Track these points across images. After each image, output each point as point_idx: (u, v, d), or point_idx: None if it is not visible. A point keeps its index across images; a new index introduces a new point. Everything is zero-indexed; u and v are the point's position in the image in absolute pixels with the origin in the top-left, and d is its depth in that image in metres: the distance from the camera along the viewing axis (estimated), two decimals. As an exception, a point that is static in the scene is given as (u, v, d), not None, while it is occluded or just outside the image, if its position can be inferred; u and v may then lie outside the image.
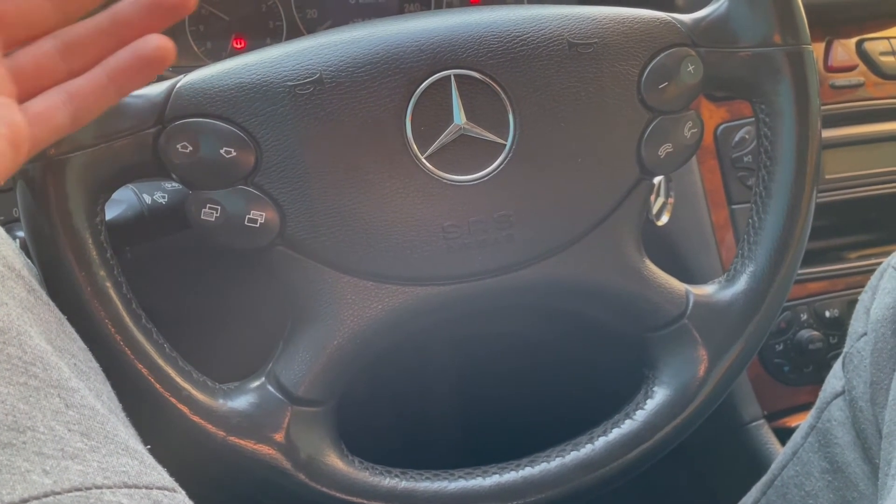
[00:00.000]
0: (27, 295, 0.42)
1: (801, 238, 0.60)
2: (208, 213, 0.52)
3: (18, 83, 0.40)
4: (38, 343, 0.39)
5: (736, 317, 0.60)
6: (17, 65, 0.40)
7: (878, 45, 0.93)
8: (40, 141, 0.40)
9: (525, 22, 0.56)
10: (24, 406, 0.36)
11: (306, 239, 0.54)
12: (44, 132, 0.40)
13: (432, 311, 0.56)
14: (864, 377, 0.58)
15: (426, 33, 0.55)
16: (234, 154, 0.52)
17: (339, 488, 0.56)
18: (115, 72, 0.41)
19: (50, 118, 0.40)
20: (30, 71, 0.40)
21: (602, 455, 0.59)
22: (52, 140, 0.41)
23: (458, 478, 0.58)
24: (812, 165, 0.60)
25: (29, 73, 0.40)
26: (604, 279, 0.58)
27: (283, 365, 0.55)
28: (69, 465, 0.35)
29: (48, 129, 0.40)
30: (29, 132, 0.39)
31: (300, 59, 0.53)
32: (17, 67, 0.40)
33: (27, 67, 0.40)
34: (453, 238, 0.55)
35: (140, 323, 0.52)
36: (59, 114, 0.40)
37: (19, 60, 0.40)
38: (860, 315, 0.61)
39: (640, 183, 0.58)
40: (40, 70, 0.41)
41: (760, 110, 0.60)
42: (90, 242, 0.51)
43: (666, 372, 0.61)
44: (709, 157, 0.86)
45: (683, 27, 0.58)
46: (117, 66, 0.41)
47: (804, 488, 0.63)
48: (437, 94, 0.54)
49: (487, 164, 0.55)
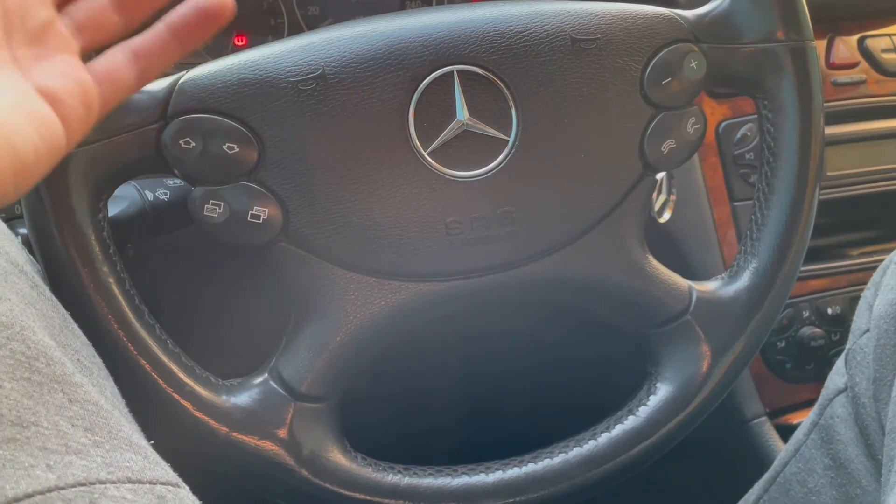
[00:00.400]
0: (31, 291, 0.42)
1: (804, 235, 0.60)
2: (211, 210, 0.52)
3: (77, 41, 0.39)
4: (41, 338, 0.39)
5: (738, 313, 0.60)
6: (73, 21, 0.39)
7: (880, 42, 0.93)
8: (109, 101, 0.39)
9: (528, 17, 0.56)
10: (28, 401, 0.36)
11: (309, 235, 0.54)
12: (111, 91, 0.39)
13: (435, 308, 0.56)
14: (867, 374, 0.58)
15: (428, 29, 0.55)
16: (236, 150, 0.52)
17: (342, 484, 0.56)
18: (178, 28, 0.40)
19: (117, 77, 0.39)
20: (87, 26, 0.39)
21: (605, 451, 0.59)
22: (119, 100, 0.40)
23: (462, 474, 0.58)
24: (815, 161, 0.59)
25: (86, 29, 0.39)
26: (606, 275, 0.58)
27: (286, 361, 0.55)
28: (73, 461, 0.35)
29: (115, 89, 0.39)
30: (98, 91, 0.38)
31: (303, 55, 0.53)
32: (74, 24, 0.39)
33: (83, 22, 0.39)
34: (456, 234, 0.55)
35: (143, 319, 0.52)
36: (125, 72, 0.39)
37: (75, 16, 0.39)
38: (863, 312, 0.61)
39: (642, 179, 0.58)
40: (97, 24, 0.39)
41: (763, 106, 0.60)
42: (93, 239, 0.51)
43: (669, 368, 0.61)
44: (711, 154, 0.86)
45: (686, 23, 0.58)
46: (180, 21, 0.39)
47: (807, 485, 0.63)
48: (439, 90, 0.54)
49: (490, 160, 0.55)
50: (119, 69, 0.39)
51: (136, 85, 0.40)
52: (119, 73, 0.39)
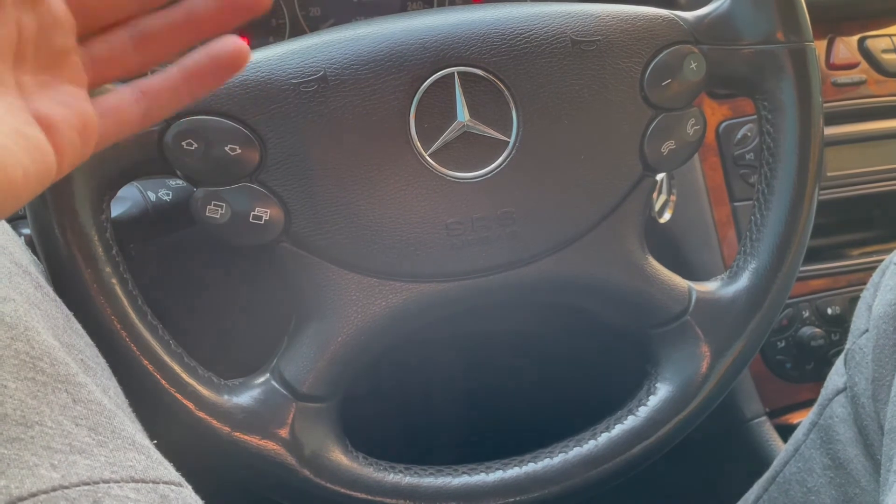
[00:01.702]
0: (34, 291, 0.43)
1: (804, 235, 0.60)
2: (213, 211, 0.53)
3: (90, 73, 0.39)
4: (45, 339, 0.39)
5: (738, 313, 0.60)
6: (91, 54, 0.39)
7: (880, 43, 0.93)
8: (109, 135, 0.39)
9: (528, 19, 0.56)
10: (32, 401, 0.36)
11: (310, 236, 0.54)
12: (113, 126, 0.39)
13: (435, 308, 0.56)
14: (866, 374, 0.58)
15: (429, 31, 0.55)
16: (238, 151, 0.52)
17: (343, 484, 0.56)
18: (190, 73, 0.39)
19: (121, 113, 0.39)
20: (103, 61, 0.39)
21: (605, 451, 0.60)
22: (120, 136, 0.40)
23: (462, 473, 0.58)
24: (814, 162, 0.60)
25: (102, 63, 0.39)
26: (607, 276, 0.58)
27: (288, 361, 0.55)
28: (77, 460, 0.36)
29: (117, 124, 0.39)
30: (99, 124, 0.38)
31: (305, 57, 0.54)
32: (91, 57, 0.39)
33: (101, 57, 0.39)
34: (457, 235, 0.55)
35: (146, 319, 0.52)
36: (130, 109, 0.39)
37: (94, 50, 0.39)
38: (862, 312, 0.61)
39: (642, 180, 0.58)
40: (114, 61, 0.39)
41: (763, 107, 0.60)
42: (96, 239, 0.51)
43: (668, 368, 0.61)
44: (711, 155, 0.86)
45: (686, 24, 0.58)
46: (193, 66, 0.39)
47: (806, 485, 0.64)
48: (440, 92, 0.54)
49: (491, 162, 0.55)
50: (125, 106, 0.39)
51: (139, 123, 0.40)
52: (124, 109, 0.39)
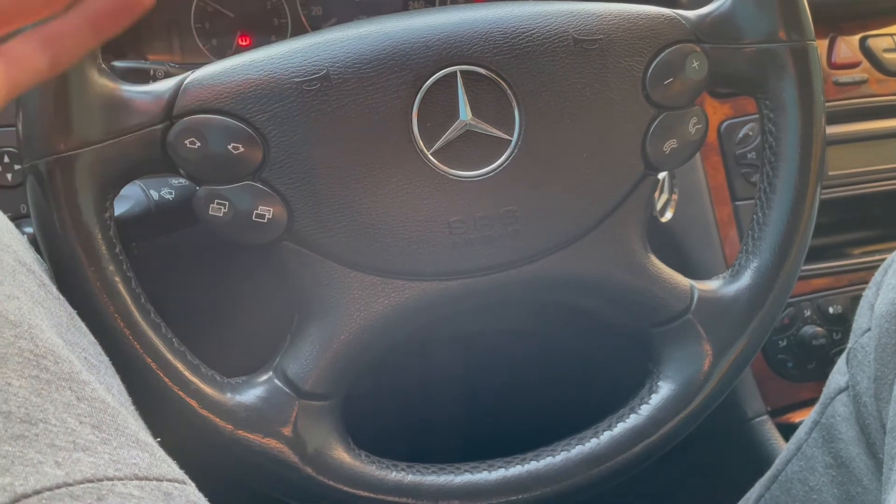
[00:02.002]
0: (38, 289, 0.43)
1: (805, 234, 0.60)
2: (216, 209, 0.53)
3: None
4: (49, 336, 0.40)
5: (740, 312, 0.60)
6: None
7: (881, 42, 0.93)
8: (19, 85, 0.38)
9: (530, 18, 0.56)
10: (36, 399, 0.36)
11: (313, 234, 0.54)
12: (23, 75, 0.38)
13: (438, 307, 0.56)
14: (868, 373, 0.58)
15: (432, 30, 0.55)
16: (241, 150, 0.52)
17: (345, 482, 0.56)
18: (92, 15, 0.39)
19: (29, 62, 0.38)
20: (3, 9, 0.37)
21: (606, 449, 0.60)
22: (31, 84, 0.39)
23: (464, 471, 0.58)
24: (816, 161, 0.60)
25: (2, 12, 0.38)
26: (608, 274, 0.58)
27: (291, 359, 0.55)
28: (81, 457, 0.36)
29: (27, 73, 0.38)
30: (7, 76, 0.38)
31: (307, 56, 0.54)
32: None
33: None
34: (459, 234, 0.55)
35: (149, 317, 0.53)
36: (37, 57, 0.39)
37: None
38: (864, 311, 0.61)
39: (644, 178, 0.58)
40: (15, 8, 0.37)
41: (765, 106, 0.60)
42: (99, 238, 0.51)
43: (670, 367, 0.61)
44: (712, 154, 0.86)
45: (688, 23, 0.58)
46: (94, 8, 0.39)
47: (808, 483, 0.64)
48: (442, 91, 0.54)
49: (493, 160, 0.55)
50: (31, 54, 0.39)
51: (49, 71, 0.39)
52: (32, 57, 0.39)
